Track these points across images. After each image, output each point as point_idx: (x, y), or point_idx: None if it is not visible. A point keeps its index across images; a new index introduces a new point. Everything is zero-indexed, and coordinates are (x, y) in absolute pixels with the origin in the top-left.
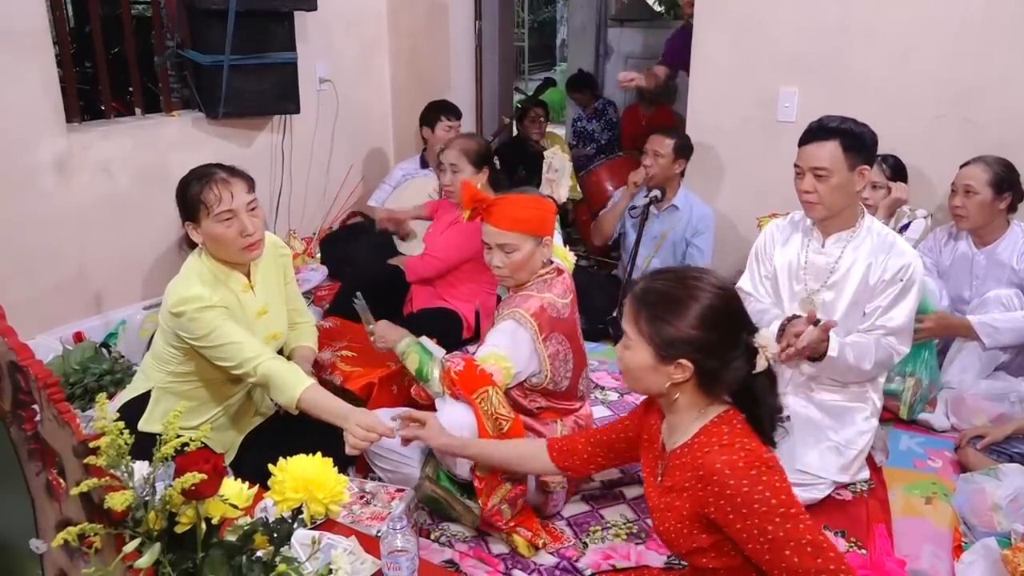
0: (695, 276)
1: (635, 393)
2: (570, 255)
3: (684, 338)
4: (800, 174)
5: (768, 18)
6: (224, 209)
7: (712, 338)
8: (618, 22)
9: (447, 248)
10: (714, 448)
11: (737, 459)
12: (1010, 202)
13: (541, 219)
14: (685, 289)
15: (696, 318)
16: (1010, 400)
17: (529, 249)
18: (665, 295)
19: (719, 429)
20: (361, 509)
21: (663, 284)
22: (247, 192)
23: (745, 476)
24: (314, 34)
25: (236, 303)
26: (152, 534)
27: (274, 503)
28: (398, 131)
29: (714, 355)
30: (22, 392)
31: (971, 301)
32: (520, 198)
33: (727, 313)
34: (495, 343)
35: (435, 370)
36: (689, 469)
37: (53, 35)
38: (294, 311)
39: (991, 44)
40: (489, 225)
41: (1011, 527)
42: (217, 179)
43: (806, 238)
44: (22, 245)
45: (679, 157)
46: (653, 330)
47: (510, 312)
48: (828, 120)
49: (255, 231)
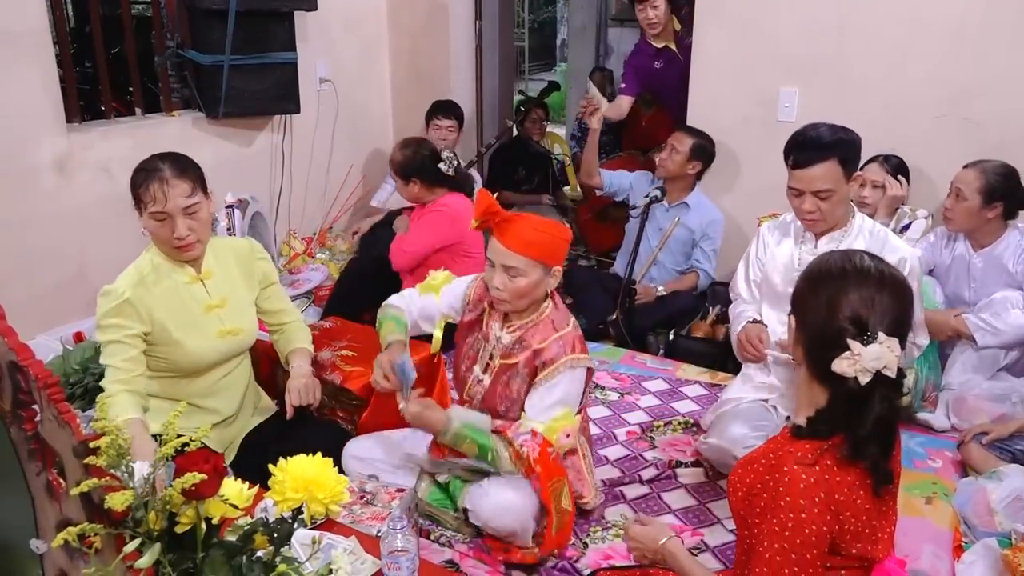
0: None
1: (636, 393)
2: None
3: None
4: (799, 195)
5: (768, 18)
6: (157, 210)
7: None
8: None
9: (414, 241)
10: (797, 453)
11: (805, 478)
12: (1002, 211)
13: (555, 246)
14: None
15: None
16: (1012, 401)
17: (536, 278)
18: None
19: (820, 442)
20: (361, 509)
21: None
22: (188, 195)
23: (795, 495)
24: (314, 34)
25: (176, 295)
26: (152, 534)
27: (274, 503)
28: (398, 131)
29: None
30: (22, 392)
31: (972, 303)
32: (535, 219)
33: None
34: (557, 402)
35: (502, 450)
36: (776, 452)
37: (53, 35)
38: (280, 312)
39: (991, 44)
40: (497, 242)
41: (1011, 527)
42: (158, 177)
43: (799, 240)
44: (22, 245)
45: (695, 158)
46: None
47: (562, 363)
48: (819, 135)
49: (188, 235)
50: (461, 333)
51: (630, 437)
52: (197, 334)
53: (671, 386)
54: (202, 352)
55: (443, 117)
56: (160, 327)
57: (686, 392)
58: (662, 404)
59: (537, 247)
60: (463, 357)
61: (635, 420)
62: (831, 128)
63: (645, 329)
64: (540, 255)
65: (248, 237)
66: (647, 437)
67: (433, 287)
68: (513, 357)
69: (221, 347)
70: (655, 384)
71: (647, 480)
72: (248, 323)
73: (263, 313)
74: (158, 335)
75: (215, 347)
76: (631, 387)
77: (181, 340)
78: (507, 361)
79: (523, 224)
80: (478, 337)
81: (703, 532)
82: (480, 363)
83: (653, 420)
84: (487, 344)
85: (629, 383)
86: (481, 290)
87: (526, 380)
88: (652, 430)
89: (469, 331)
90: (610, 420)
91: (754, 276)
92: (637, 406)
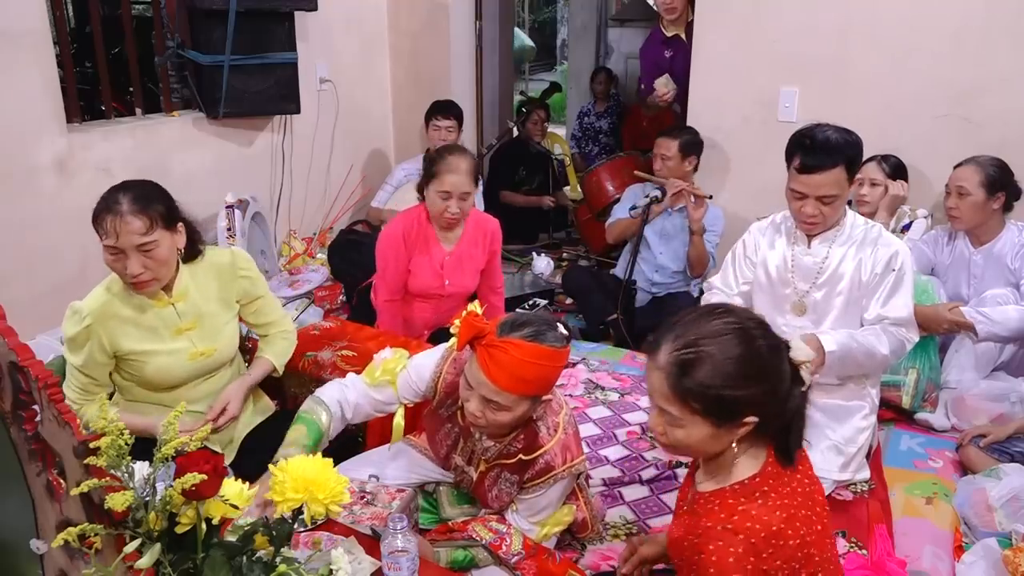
0: (713, 333)
1: (636, 393)
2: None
3: (743, 398)
4: (801, 198)
5: (768, 18)
6: (110, 244)
7: (767, 383)
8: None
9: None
10: (717, 528)
11: (732, 551)
12: (1004, 202)
13: (549, 378)
14: (717, 347)
15: (743, 375)
16: (1010, 400)
17: (522, 411)
18: (699, 362)
19: (735, 501)
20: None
21: (690, 353)
22: (143, 233)
23: (727, 573)
24: (314, 34)
25: (144, 317)
26: (152, 534)
27: (274, 503)
28: (398, 131)
29: (774, 397)
30: (23, 392)
31: (969, 300)
32: (529, 349)
33: (759, 351)
34: (550, 504)
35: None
36: (694, 528)
37: (53, 35)
38: (267, 325)
39: (991, 44)
40: (480, 371)
41: (1011, 527)
42: (114, 211)
43: (791, 240)
44: (22, 245)
45: (687, 155)
46: (705, 405)
47: (551, 477)
48: (826, 139)
49: (141, 272)
50: (430, 416)
51: (630, 437)
52: (166, 356)
53: None
54: (172, 372)
55: (442, 117)
56: (125, 349)
57: None
58: None
59: (529, 384)
60: (438, 438)
61: (635, 420)
62: (838, 131)
63: (645, 329)
64: (531, 391)
65: (234, 248)
66: (647, 437)
67: (388, 381)
68: (501, 459)
69: (193, 367)
70: None
71: (647, 480)
72: (224, 341)
73: (249, 325)
74: (124, 355)
75: (186, 368)
76: (631, 387)
77: (149, 361)
78: (494, 462)
79: (515, 355)
80: (455, 428)
81: None
82: (462, 454)
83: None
84: (468, 439)
85: (629, 383)
86: (453, 377)
87: (516, 483)
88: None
89: (441, 423)
90: (610, 420)
91: (740, 275)
92: (637, 406)
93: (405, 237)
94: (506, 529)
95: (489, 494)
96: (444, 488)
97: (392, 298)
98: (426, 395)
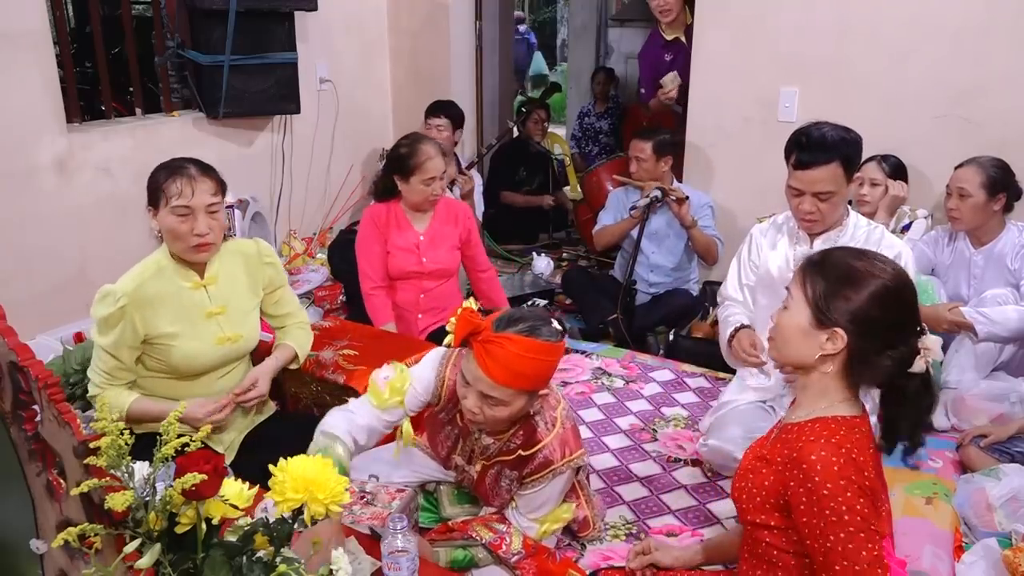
0: (876, 255)
1: (641, 382)
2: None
3: (847, 307)
4: (799, 195)
5: (768, 18)
6: (182, 204)
7: (876, 316)
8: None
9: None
10: (820, 441)
11: (835, 461)
12: (1005, 202)
13: (546, 372)
14: (863, 262)
15: (866, 291)
16: (1010, 400)
17: (519, 405)
18: (841, 262)
19: (837, 427)
20: (361, 509)
21: (842, 254)
22: (212, 194)
23: (833, 480)
24: (314, 34)
25: (177, 300)
26: (152, 534)
27: (274, 503)
28: (398, 131)
29: (872, 335)
30: (23, 392)
31: (969, 300)
32: (526, 343)
33: (899, 300)
34: (550, 499)
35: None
36: (789, 448)
37: (53, 35)
38: (285, 315)
39: (991, 44)
40: (476, 366)
41: (1011, 527)
42: (185, 173)
43: (793, 240)
44: (22, 245)
45: (661, 156)
46: (818, 292)
47: (551, 472)
48: (823, 136)
49: (207, 232)
50: (431, 417)
51: (632, 428)
52: (195, 340)
53: (677, 376)
54: (199, 357)
55: (434, 117)
56: (156, 332)
57: (690, 384)
58: (664, 393)
59: (526, 379)
60: (438, 439)
61: (637, 408)
62: (835, 128)
63: (645, 329)
64: (528, 385)
65: (257, 239)
66: (649, 429)
67: (396, 400)
68: (500, 456)
69: (219, 353)
70: (662, 374)
71: (644, 477)
72: (249, 329)
73: (268, 316)
74: (154, 339)
75: (212, 353)
76: (637, 376)
77: (178, 345)
78: (494, 459)
79: (511, 350)
80: (455, 429)
81: (703, 532)
82: (462, 454)
83: (657, 408)
84: (468, 438)
85: (636, 371)
86: (456, 378)
87: (516, 479)
88: (654, 422)
89: (441, 425)
90: (613, 407)
91: (746, 279)
92: (640, 394)
93: (376, 222)
94: (506, 528)
95: (490, 492)
96: (445, 487)
97: (377, 285)
98: (431, 402)
